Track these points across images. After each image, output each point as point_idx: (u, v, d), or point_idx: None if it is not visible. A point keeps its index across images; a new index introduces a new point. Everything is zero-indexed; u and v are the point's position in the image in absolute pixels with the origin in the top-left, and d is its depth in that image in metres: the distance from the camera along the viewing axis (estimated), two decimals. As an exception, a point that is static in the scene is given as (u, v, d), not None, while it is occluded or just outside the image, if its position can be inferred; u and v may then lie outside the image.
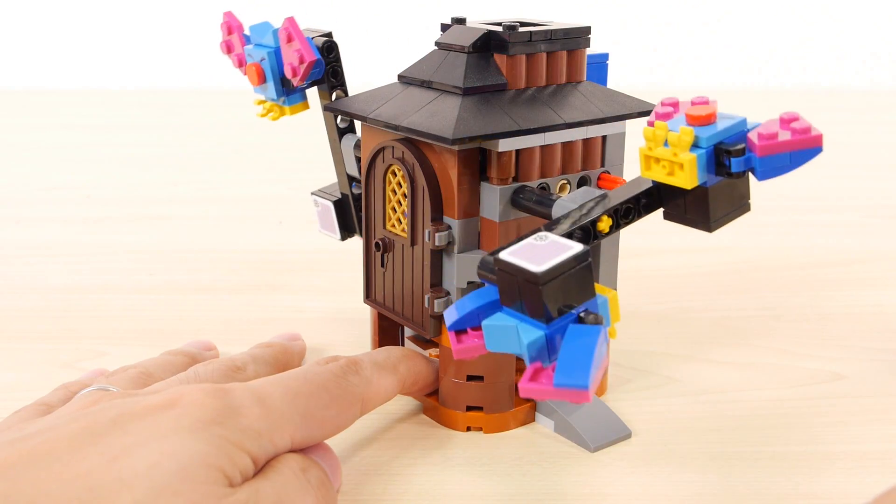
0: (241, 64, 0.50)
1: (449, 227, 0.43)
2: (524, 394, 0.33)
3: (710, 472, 0.43)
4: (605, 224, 0.38)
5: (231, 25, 0.50)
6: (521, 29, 0.43)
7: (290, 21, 0.47)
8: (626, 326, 0.57)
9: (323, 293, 0.63)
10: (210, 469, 0.32)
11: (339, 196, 0.53)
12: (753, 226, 0.80)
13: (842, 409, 0.49)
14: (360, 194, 0.53)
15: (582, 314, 0.33)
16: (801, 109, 0.34)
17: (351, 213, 0.53)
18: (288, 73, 0.48)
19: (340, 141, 0.51)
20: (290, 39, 0.47)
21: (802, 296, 0.63)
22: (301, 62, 0.47)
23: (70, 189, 0.91)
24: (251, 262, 0.70)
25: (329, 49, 0.49)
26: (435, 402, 0.47)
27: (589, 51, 0.47)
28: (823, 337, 0.57)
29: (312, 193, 0.54)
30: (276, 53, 0.48)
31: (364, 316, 0.57)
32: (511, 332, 0.33)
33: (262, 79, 0.48)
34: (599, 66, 0.49)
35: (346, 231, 0.54)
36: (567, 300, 0.33)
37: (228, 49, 0.50)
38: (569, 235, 0.36)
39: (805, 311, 0.60)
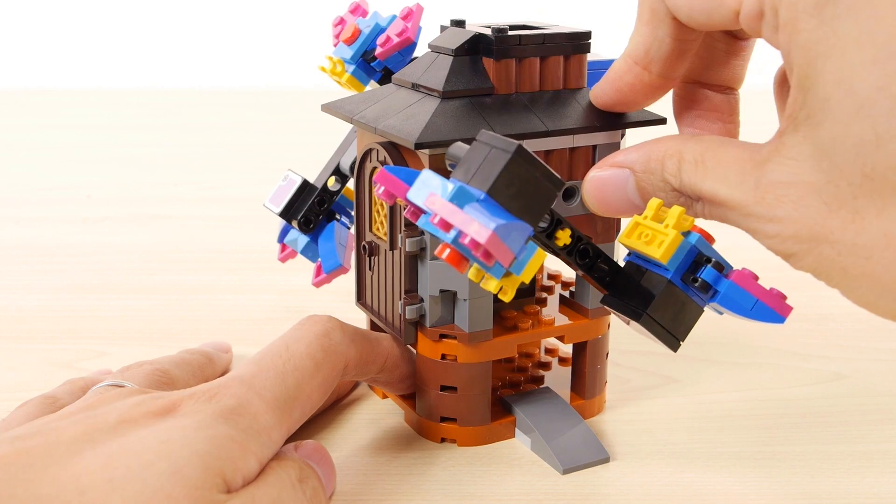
0: (336, 36, 0.53)
1: (422, 233, 0.43)
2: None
3: (710, 472, 0.43)
4: (564, 235, 0.37)
5: (359, 8, 0.53)
6: (512, 32, 0.42)
7: (419, 7, 0.50)
8: (627, 326, 0.57)
9: (323, 293, 0.63)
10: (208, 472, 0.32)
11: (312, 182, 0.53)
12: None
13: (842, 409, 0.49)
14: (336, 191, 0.53)
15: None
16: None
17: (305, 203, 0.52)
18: (380, 41, 0.50)
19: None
20: (407, 17, 0.50)
21: (802, 296, 0.63)
22: (399, 35, 0.49)
23: (70, 189, 0.91)
24: (251, 262, 0.70)
25: None
26: (414, 411, 0.46)
27: (597, 57, 0.46)
28: (823, 337, 0.57)
29: (289, 170, 0.54)
30: (378, 32, 0.51)
31: (362, 317, 0.57)
32: (444, 187, 0.33)
33: (352, 39, 0.51)
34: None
35: (288, 213, 0.53)
36: (515, 195, 0.33)
37: (339, 23, 0.53)
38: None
39: (805, 311, 0.60)
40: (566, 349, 0.52)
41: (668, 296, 0.37)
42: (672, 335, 0.38)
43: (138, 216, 0.82)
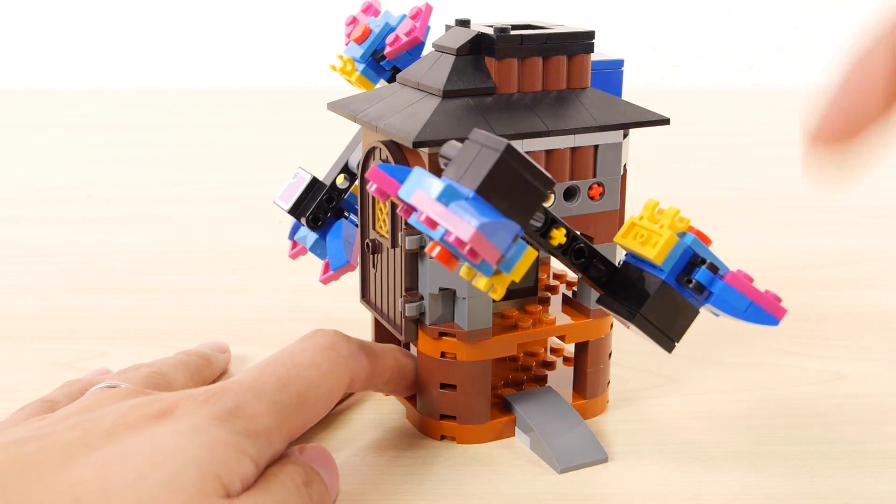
0: (347, 35, 0.54)
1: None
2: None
3: (710, 472, 0.43)
4: (558, 234, 0.37)
5: (371, 7, 0.54)
6: (514, 32, 0.42)
7: (428, 6, 0.50)
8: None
9: (323, 293, 0.63)
10: (205, 479, 0.31)
11: (321, 179, 0.53)
12: (754, 225, 0.80)
13: (842, 409, 0.49)
14: (345, 188, 0.53)
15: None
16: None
17: (314, 201, 0.53)
18: (389, 40, 0.50)
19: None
20: (415, 16, 0.50)
21: (802, 296, 0.63)
22: (408, 34, 0.49)
23: (70, 189, 0.91)
24: (251, 262, 0.70)
25: None
26: (415, 409, 0.47)
27: (603, 57, 0.46)
28: (823, 337, 0.57)
29: (299, 167, 0.54)
30: (388, 31, 0.52)
31: (364, 316, 0.57)
32: (432, 185, 0.33)
33: (363, 38, 0.52)
34: (614, 73, 0.47)
35: (297, 210, 0.53)
36: (504, 193, 0.33)
37: (351, 22, 0.54)
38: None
39: (805, 311, 0.60)
40: (571, 349, 0.52)
41: (663, 297, 0.37)
42: (666, 336, 0.38)
43: (138, 216, 0.82)
